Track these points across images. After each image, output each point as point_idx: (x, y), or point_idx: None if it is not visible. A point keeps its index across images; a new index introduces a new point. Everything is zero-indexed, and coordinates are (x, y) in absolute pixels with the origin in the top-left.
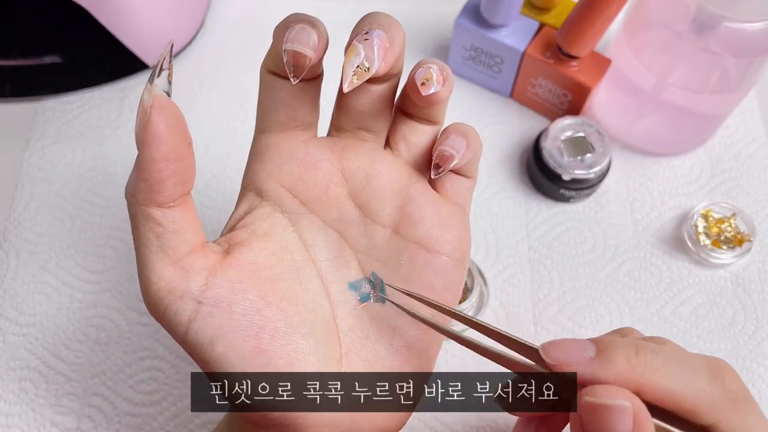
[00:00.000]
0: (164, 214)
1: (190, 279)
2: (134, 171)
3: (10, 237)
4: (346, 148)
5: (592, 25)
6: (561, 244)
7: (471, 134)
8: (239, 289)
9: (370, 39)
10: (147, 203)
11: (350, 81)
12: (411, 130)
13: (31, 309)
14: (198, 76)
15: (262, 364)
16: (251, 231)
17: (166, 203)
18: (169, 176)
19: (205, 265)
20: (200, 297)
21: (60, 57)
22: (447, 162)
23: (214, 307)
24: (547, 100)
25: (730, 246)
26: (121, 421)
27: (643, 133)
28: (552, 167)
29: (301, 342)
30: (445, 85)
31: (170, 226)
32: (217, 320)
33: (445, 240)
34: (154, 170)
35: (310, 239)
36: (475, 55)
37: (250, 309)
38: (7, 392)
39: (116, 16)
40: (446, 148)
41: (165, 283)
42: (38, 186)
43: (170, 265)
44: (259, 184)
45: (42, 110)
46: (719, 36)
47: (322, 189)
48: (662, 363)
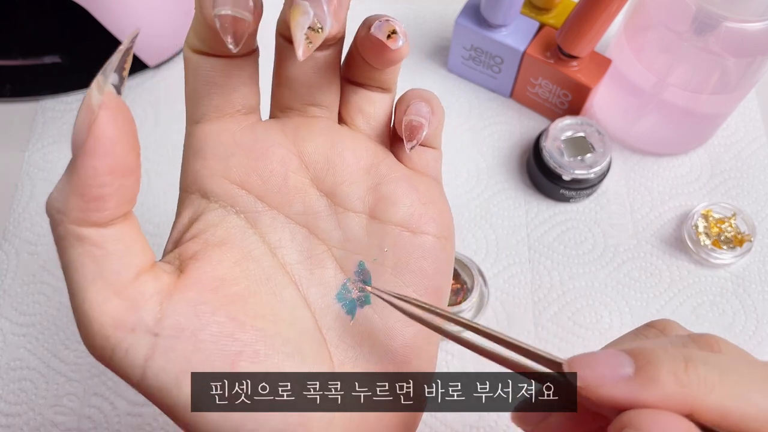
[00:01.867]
0: (102, 234)
1: (141, 308)
2: (66, 183)
3: (9, 237)
4: (298, 128)
5: (592, 25)
6: (561, 244)
7: (432, 99)
8: (203, 312)
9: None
10: (81, 222)
11: (304, 47)
12: (365, 100)
13: (31, 309)
14: None
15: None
16: (204, 241)
17: (104, 223)
18: (113, 193)
19: (157, 289)
20: (156, 328)
21: (60, 57)
22: (417, 132)
23: (175, 338)
24: (547, 100)
25: (730, 246)
26: (121, 421)
27: (643, 133)
28: (552, 167)
29: (287, 364)
30: (407, 42)
31: (111, 247)
32: (181, 353)
33: (428, 216)
34: (95, 185)
35: (275, 240)
36: (475, 55)
37: (220, 334)
38: (7, 392)
39: (116, 16)
40: (414, 117)
41: (109, 318)
42: (38, 186)
43: (114, 295)
44: (203, 183)
45: (42, 110)
46: (719, 36)
47: (280, 179)
48: (719, 378)
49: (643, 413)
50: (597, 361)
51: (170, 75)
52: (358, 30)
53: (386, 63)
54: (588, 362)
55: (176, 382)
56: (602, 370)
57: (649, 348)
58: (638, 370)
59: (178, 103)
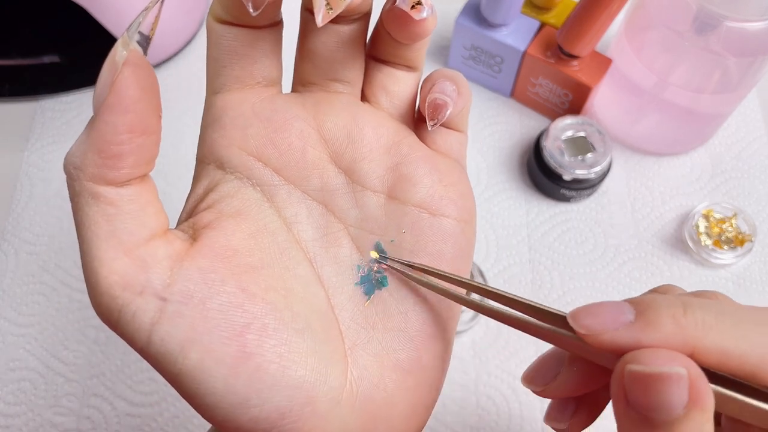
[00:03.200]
0: (118, 192)
1: (151, 271)
2: (84, 139)
3: (9, 237)
4: (319, 102)
5: (592, 24)
6: (561, 244)
7: (460, 79)
8: (213, 280)
9: None
10: (97, 180)
11: (324, 12)
12: (390, 78)
13: (30, 309)
14: (198, 75)
15: (249, 372)
16: (218, 210)
17: (120, 182)
18: (131, 152)
19: (169, 253)
20: (165, 293)
21: (59, 57)
22: (442, 111)
23: (183, 304)
24: (548, 99)
25: (731, 246)
26: (120, 422)
27: (644, 132)
28: (553, 167)
29: (296, 340)
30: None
31: (125, 206)
32: (188, 321)
33: (449, 198)
34: (114, 141)
35: (291, 215)
36: (475, 54)
37: (229, 304)
38: (6, 393)
39: (116, 16)
40: (438, 95)
41: (118, 277)
42: (37, 186)
43: (124, 255)
44: (220, 154)
45: (41, 110)
46: (720, 36)
47: (298, 153)
48: (716, 319)
49: (645, 351)
50: (599, 310)
51: (170, 75)
52: (385, 3)
53: (411, 37)
54: (590, 311)
55: (181, 349)
56: (604, 318)
57: (649, 297)
58: (639, 315)
59: (178, 103)
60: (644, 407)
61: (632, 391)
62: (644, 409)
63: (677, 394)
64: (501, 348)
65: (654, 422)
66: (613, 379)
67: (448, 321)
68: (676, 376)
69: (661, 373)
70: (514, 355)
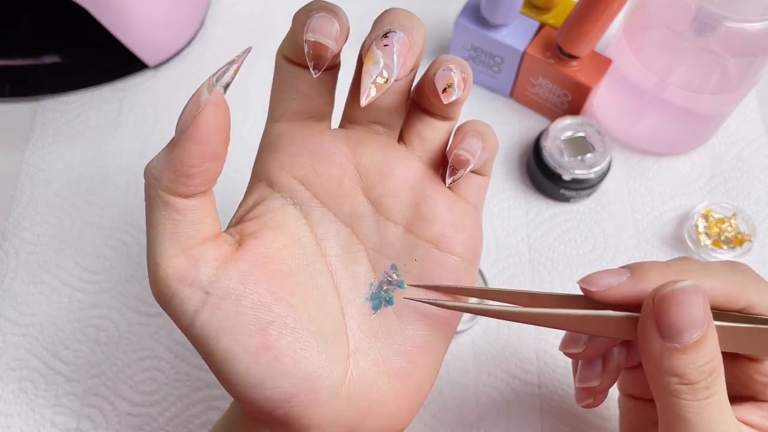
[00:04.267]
0: (184, 203)
1: (200, 268)
2: (165, 156)
3: (9, 237)
4: (360, 141)
5: (592, 24)
6: (561, 244)
7: (487, 134)
8: (249, 281)
9: (390, 45)
10: (170, 191)
11: (368, 94)
12: (426, 126)
13: (31, 309)
14: (198, 76)
15: (268, 361)
16: (263, 222)
17: (187, 195)
18: (199, 173)
19: (217, 255)
20: (209, 288)
21: (60, 57)
22: (463, 166)
23: (222, 299)
24: (547, 100)
25: (730, 246)
26: (120, 422)
27: (644, 133)
28: (552, 167)
29: (309, 340)
30: (466, 89)
31: (189, 215)
32: (224, 313)
33: (457, 240)
34: (187, 164)
35: (321, 233)
36: (475, 54)
37: (258, 303)
38: (6, 392)
39: (116, 16)
40: (462, 152)
41: (174, 271)
42: (38, 186)
43: (181, 253)
44: (271, 175)
45: (41, 110)
46: (719, 36)
47: (335, 182)
48: (690, 266)
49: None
50: (602, 274)
51: (170, 75)
52: (428, 69)
53: (444, 110)
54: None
55: (216, 335)
56: (607, 280)
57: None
58: (633, 273)
59: (178, 103)
60: (674, 326)
61: (663, 314)
62: (675, 329)
63: (699, 303)
64: (501, 348)
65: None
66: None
67: (443, 340)
68: (695, 287)
69: (685, 287)
70: (514, 355)
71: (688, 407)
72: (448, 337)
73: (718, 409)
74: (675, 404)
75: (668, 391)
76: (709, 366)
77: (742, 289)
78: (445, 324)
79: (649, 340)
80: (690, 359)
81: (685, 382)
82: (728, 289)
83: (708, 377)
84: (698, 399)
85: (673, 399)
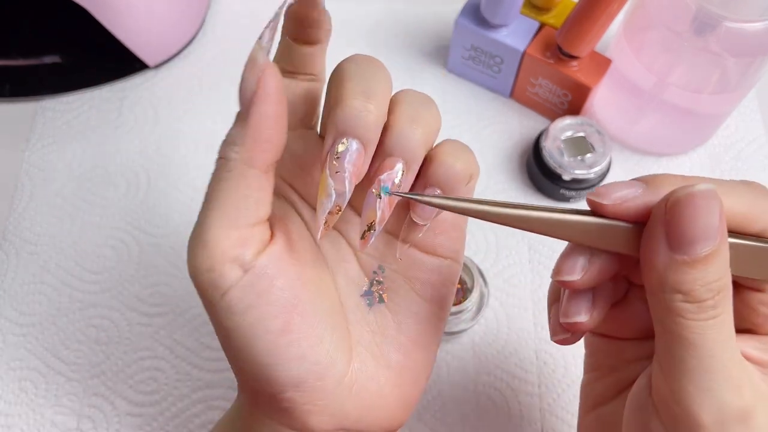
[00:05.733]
0: (259, 178)
1: (247, 248)
2: (240, 128)
3: (10, 237)
4: None
5: (592, 25)
6: (561, 245)
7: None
8: (282, 265)
9: (341, 172)
10: (250, 162)
11: (322, 230)
12: None
13: (31, 309)
14: (198, 76)
15: (285, 344)
16: (277, 215)
17: (265, 166)
18: (276, 136)
19: (263, 239)
20: (248, 266)
21: (60, 57)
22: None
23: (257, 278)
24: (547, 100)
25: None
26: (121, 421)
27: (644, 133)
28: (552, 167)
29: (322, 328)
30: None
31: (257, 193)
32: (257, 292)
33: (438, 243)
34: (266, 127)
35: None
36: (475, 55)
37: (288, 287)
38: (7, 392)
39: (116, 16)
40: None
41: (225, 244)
42: (38, 186)
43: (236, 230)
44: None
45: (42, 110)
46: (719, 36)
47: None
48: (704, 182)
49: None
50: (614, 187)
51: (170, 75)
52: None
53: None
54: (607, 189)
55: (243, 311)
56: (620, 192)
57: (655, 174)
58: (648, 184)
59: (177, 103)
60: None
61: (674, 218)
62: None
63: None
64: (501, 348)
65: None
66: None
67: (435, 333)
68: (711, 191)
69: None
70: (514, 355)
71: (692, 327)
72: (438, 332)
73: (724, 332)
74: (677, 324)
75: (671, 310)
76: (719, 284)
77: (761, 210)
78: (437, 318)
79: (654, 251)
80: (699, 274)
81: (690, 300)
82: (747, 208)
83: (716, 296)
84: (703, 319)
85: (675, 318)
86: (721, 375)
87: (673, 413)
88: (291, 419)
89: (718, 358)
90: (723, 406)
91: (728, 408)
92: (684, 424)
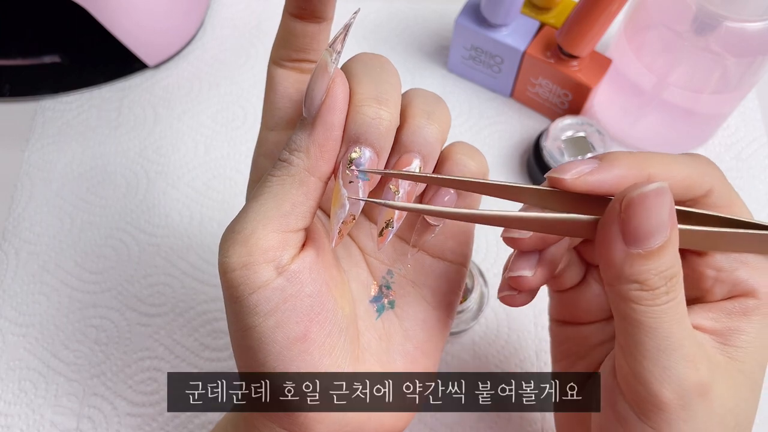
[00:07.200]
0: (317, 187)
1: (285, 251)
2: (305, 137)
3: (9, 237)
4: None
5: (592, 24)
6: None
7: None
8: (312, 273)
9: (354, 180)
10: (312, 170)
11: (336, 240)
12: None
13: (31, 309)
14: (198, 76)
15: (298, 351)
16: None
17: (325, 176)
18: (338, 146)
19: (299, 243)
20: (283, 269)
21: (60, 57)
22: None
23: (289, 281)
24: (548, 99)
25: None
26: (120, 422)
27: (644, 132)
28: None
29: (336, 336)
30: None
31: (309, 202)
32: (285, 295)
33: (447, 247)
34: (331, 137)
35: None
36: (475, 54)
37: (316, 293)
38: (6, 392)
39: (116, 16)
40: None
41: (266, 245)
42: (38, 186)
43: (281, 233)
44: None
45: (41, 110)
46: (720, 36)
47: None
48: (652, 155)
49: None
50: (572, 164)
51: (170, 75)
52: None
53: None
54: (566, 167)
55: (267, 313)
56: (578, 167)
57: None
58: (602, 160)
59: (177, 103)
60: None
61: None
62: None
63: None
64: (501, 348)
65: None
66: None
67: (439, 342)
68: (663, 189)
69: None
70: (514, 355)
71: (648, 312)
72: (443, 340)
73: (678, 313)
74: (634, 310)
75: (628, 298)
76: (671, 271)
77: (703, 175)
78: (442, 325)
79: (610, 246)
80: (653, 265)
81: (645, 288)
82: (692, 175)
83: (668, 282)
84: (658, 304)
85: (632, 305)
86: (678, 353)
87: (637, 393)
88: (293, 424)
89: (674, 338)
90: (682, 382)
91: (687, 383)
92: (648, 403)
